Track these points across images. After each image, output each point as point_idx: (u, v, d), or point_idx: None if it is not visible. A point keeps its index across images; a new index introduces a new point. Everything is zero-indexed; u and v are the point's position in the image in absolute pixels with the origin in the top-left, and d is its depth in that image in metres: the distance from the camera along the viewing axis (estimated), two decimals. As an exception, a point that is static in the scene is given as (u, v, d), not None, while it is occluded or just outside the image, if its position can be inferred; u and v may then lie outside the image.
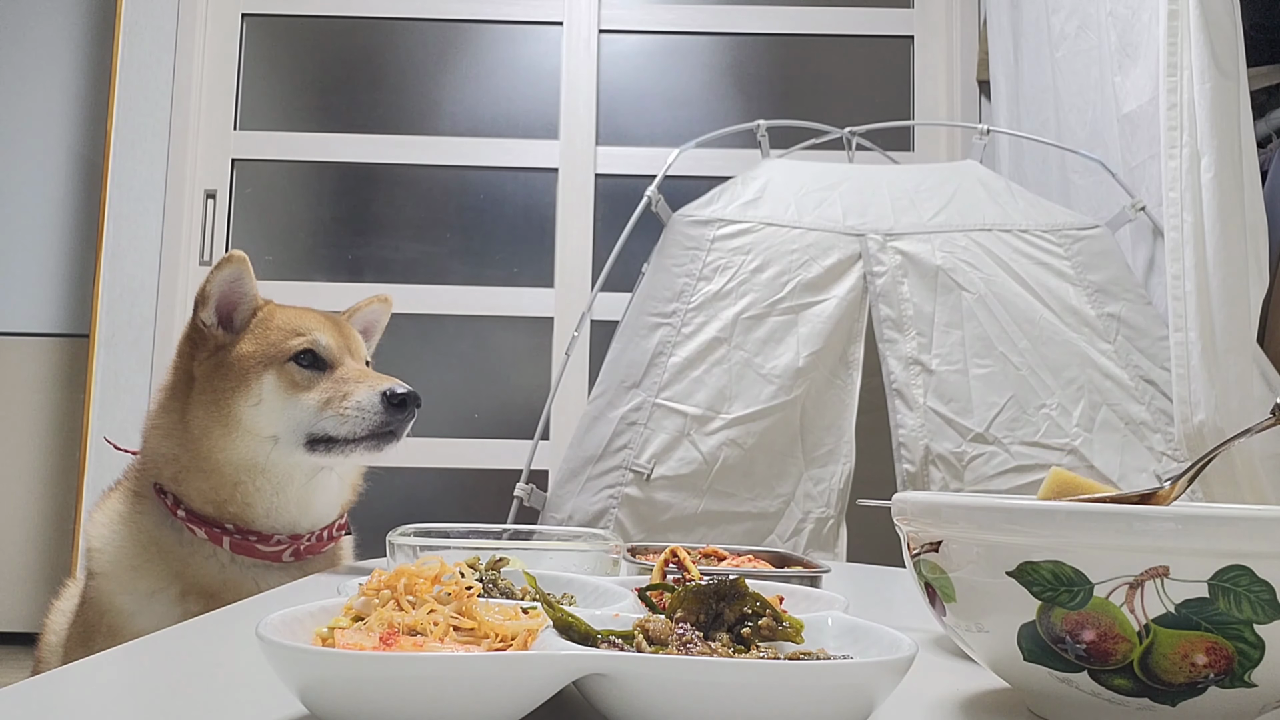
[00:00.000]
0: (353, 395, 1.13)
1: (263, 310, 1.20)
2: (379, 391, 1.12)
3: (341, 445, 1.12)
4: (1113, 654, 0.47)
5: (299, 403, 1.13)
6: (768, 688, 0.44)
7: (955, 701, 0.58)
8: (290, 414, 1.13)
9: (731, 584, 0.54)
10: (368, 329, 1.34)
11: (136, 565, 1.12)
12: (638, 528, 1.95)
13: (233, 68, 3.12)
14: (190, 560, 1.12)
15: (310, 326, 1.18)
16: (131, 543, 1.13)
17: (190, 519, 1.12)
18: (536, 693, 0.45)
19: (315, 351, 1.16)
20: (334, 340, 1.18)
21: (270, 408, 1.13)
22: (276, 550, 1.14)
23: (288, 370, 1.14)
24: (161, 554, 1.12)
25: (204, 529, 1.12)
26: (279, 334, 1.16)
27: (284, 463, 1.14)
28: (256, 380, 1.13)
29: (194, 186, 3.06)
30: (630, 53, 3.18)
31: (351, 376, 1.15)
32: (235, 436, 1.13)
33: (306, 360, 1.16)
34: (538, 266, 3.07)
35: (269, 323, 1.18)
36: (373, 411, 1.12)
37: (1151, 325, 2.01)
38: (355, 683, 0.43)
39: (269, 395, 1.13)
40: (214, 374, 1.15)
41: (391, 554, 0.89)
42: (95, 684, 0.59)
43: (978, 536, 0.50)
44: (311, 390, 1.14)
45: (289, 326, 1.17)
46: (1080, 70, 2.37)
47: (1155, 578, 0.45)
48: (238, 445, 1.13)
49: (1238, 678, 0.46)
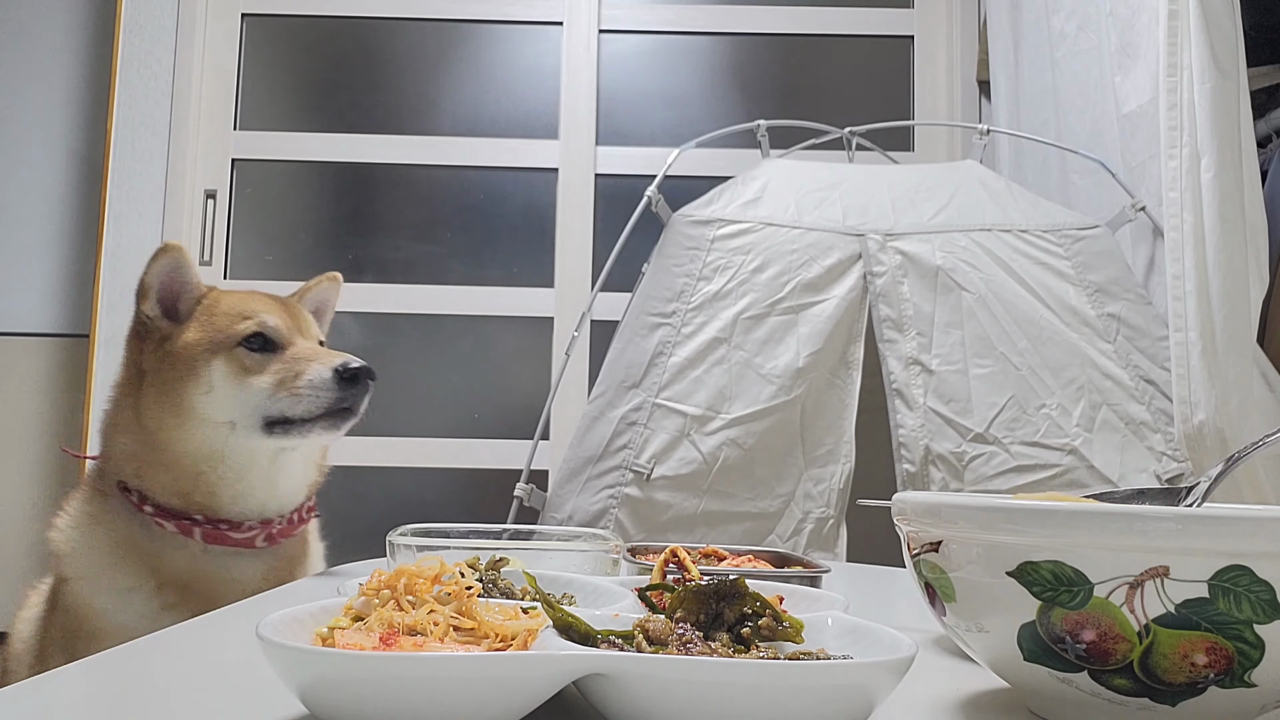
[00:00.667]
0: (305, 374, 1.11)
1: (207, 297, 1.18)
2: (331, 367, 1.11)
3: (299, 425, 1.11)
4: (1113, 654, 0.47)
5: (251, 386, 1.12)
6: (768, 688, 0.44)
7: (955, 701, 0.58)
8: (243, 398, 1.12)
9: (731, 584, 0.54)
10: (319, 309, 1.33)
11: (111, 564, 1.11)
12: (638, 528, 1.95)
13: (233, 68, 3.12)
14: (162, 554, 1.11)
15: (256, 309, 1.16)
16: (103, 542, 1.12)
17: (158, 513, 1.11)
18: (536, 693, 0.45)
19: (264, 334, 1.15)
20: (282, 320, 1.17)
21: (222, 394, 1.12)
22: (249, 536, 1.13)
23: (237, 355, 1.13)
24: (134, 551, 1.11)
25: (173, 522, 1.11)
26: (225, 319, 1.15)
27: (243, 448, 1.12)
28: (205, 367, 1.12)
29: (194, 186, 3.06)
30: (630, 53, 3.18)
31: (303, 355, 1.14)
32: (191, 426, 1.11)
33: (256, 343, 1.14)
34: (538, 266, 3.07)
35: (214, 309, 1.16)
36: (326, 389, 1.11)
37: (1151, 325, 2.01)
38: (355, 683, 0.43)
39: (220, 381, 1.12)
40: (162, 365, 1.13)
41: (391, 554, 0.89)
42: (95, 684, 0.59)
43: (978, 536, 0.50)
44: (263, 373, 1.12)
45: (235, 310, 1.16)
46: (1080, 70, 2.37)
47: (1155, 578, 0.45)
48: (194, 435, 1.11)
49: (1238, 678, 0.46)
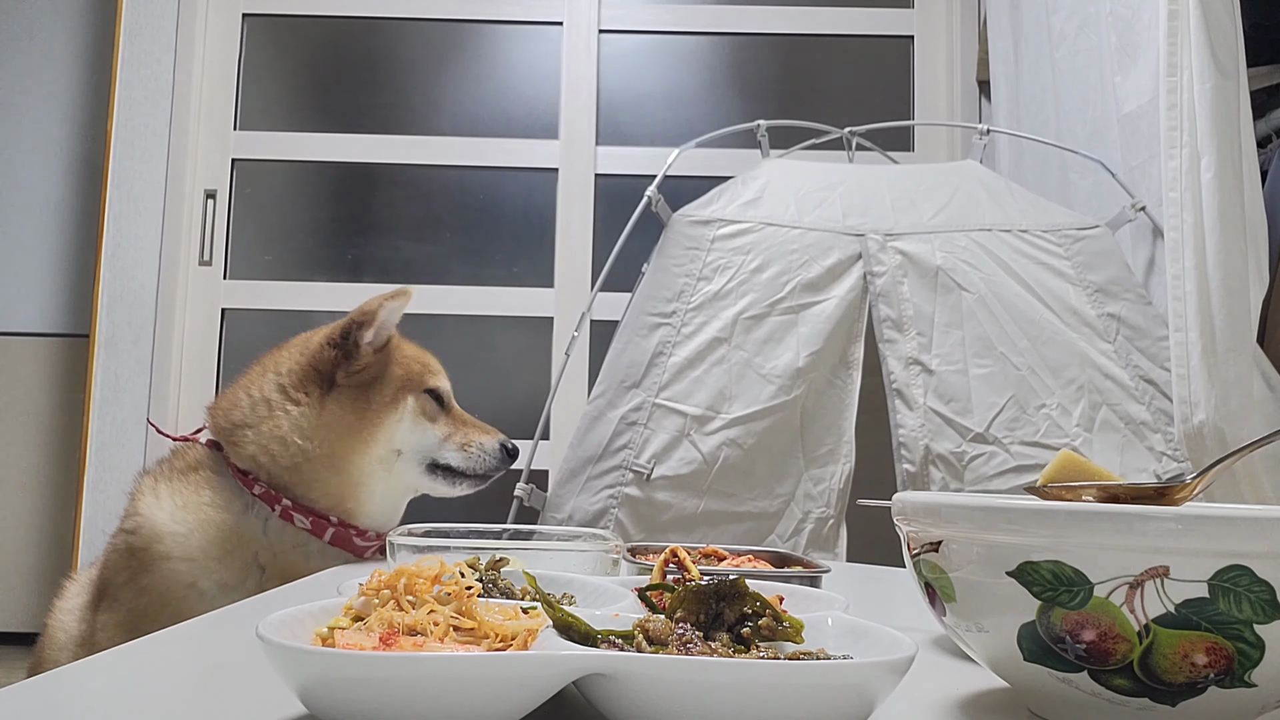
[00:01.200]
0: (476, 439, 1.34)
1: (393, 340, 1.34)
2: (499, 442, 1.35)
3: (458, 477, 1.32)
4: (1113, 654, 0.47)
5: (427, 430, 1.31)
6: (768, 688, 0.44)
7: (955, 701, 0.58)
8: (418, 437, 1.30)
9: (731, 584, 0.54)
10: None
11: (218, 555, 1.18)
12: (638, 528, 1.95)
13: (233, 68, 3.12)
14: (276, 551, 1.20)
15: (436, 368, 1.37)
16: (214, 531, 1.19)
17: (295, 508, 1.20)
18: (536, 693, 0.45)
19: (438, 391, 1.34)
20: (447, 385, 1.37)
21: (408, 428, 1.29)
22: (366, 545, 1.25)
23: (423, 400, 1.32)
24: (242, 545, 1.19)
25: (310, 518, 1.21)
26: (416, 365, 1.34)
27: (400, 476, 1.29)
28: (403, 401, 1.29)
29: (194, 186, 3.06)
30: (630, 53, 3.18)
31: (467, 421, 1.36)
32: (374, 445, 1.26)
33: (434, 395, 1.33)
34: (538, 266, 3.07)
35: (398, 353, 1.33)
36: (494, 456, 1.34)
37: (1151, 325, 2.01)
38: (355, 683, 0.43)
39: (409, 417, 1.30)
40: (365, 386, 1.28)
41: (391, 554, 0.89)
42: (95, 684, 0.59)
43: (978, 536, 0.50)
44: (436, 423, 1.32)
45: (420, 360, 1.35)
46: (1080, 70, 2.37)
47: (1155, 578, 0.45)
48: (370, 452, 1.26)
49: (1238, 678, 0.46)
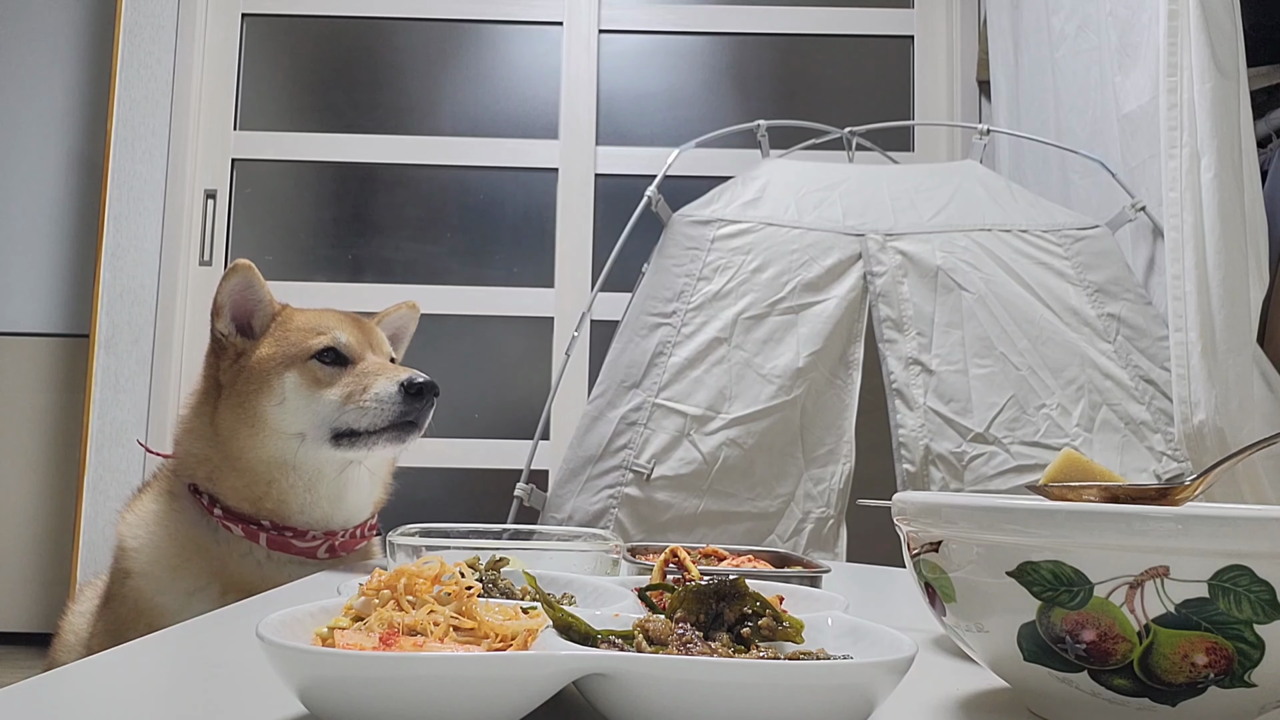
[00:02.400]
0: (372, 388, 1.16)
1: (281, 314, 1.23)
2: (397, 382, 1.15)
3: (365, 438, 1.15)
4: (1113, 654, 0.47)
5: (322, 399, 1.16)
6: (768, 688, 0.44)
7: (955, 701, 0.58)
8: (314, 410, 1.16)
9: (731, 584, 0.54)
10: (396, 334, 1.38)
11: (176, 565, 1.15)
12: (638, 528, 1.95)
13: (233, 68, 3.12)
14: (228, 559, 1.15)
15: (330, 325, 1.21)
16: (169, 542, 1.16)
17: (226, 516, 1.16)
18: (536, 693, 0.45)
19: (336, 349, 1.19)
20: (354, 336, 1.21)
21: (294, 405, 1.16)
22: (311, 546, 1.17)
23: (309, 368, 1.17)
24: (199, 553, 1.15)
25: (240, 526, 1.15)
26: (299, 334, 1.20)
27: (312, 459, 1.16)
28: (278, 380, 1.17)
29: (194, 186, 3.06)
30: (630, 53, 3.18)
31: (371, 370, 1.18)
32: (263, 436, 1.16)
33: (329, 357, 1.19)
34: (538, 266, 3.07)
35: (288, 324, 1.22)
36: (391, 402, 1.15)
37: (1151, 325, 2.01)
38: (355, 683, 0.43)
39: (291, 393, 1.16)
40: (238, 379, 1.18)
41: (391, 554, 0.89)
42: (95, 684, 0.59)
43: (978, 536, 0.50)
44: (333, 386, 1.17)
45: (309, 326, 1.21)
46: (1080, 70, 2.37)
47: (1155, 578, 0.45)
48: (266, 444, 1.16)
49: (1238, 678, 0.46)
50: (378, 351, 1.24)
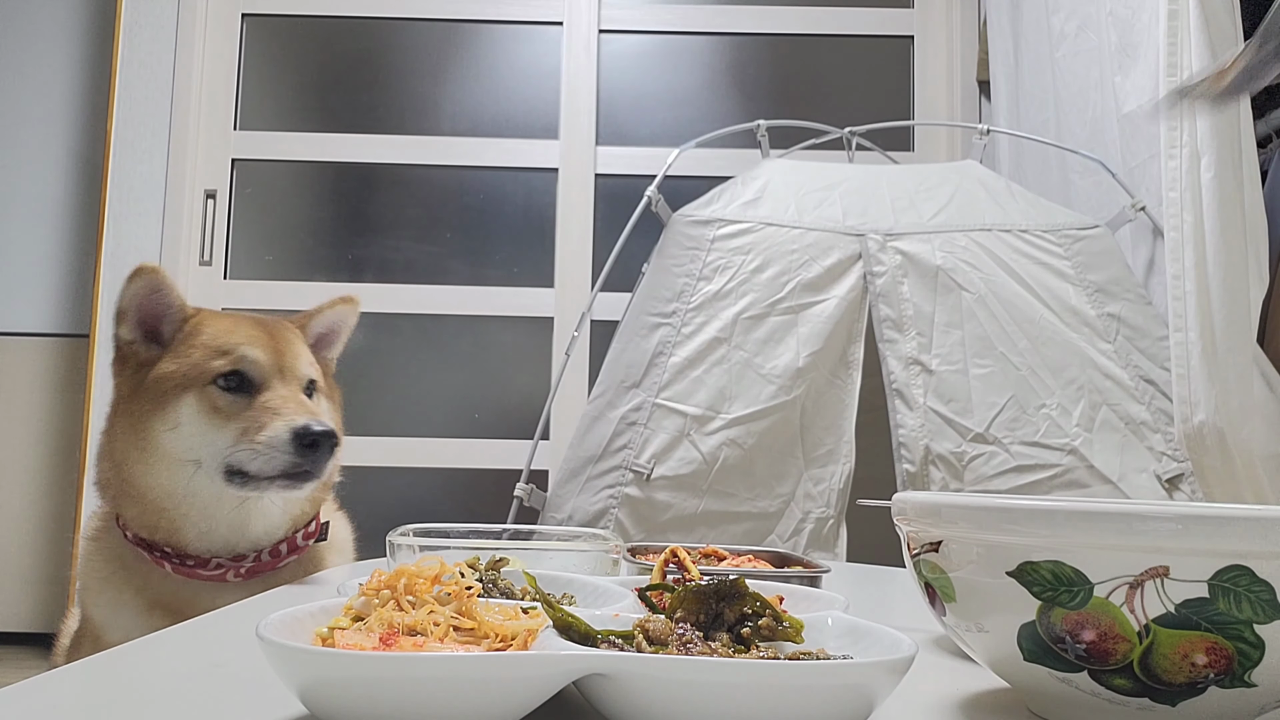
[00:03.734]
0: (265, 429, 1.04)
1: (190, 321, 1.12)
2: (291, 428, 1.04)
3: (255, 481, 1.05)
4: (1113, 654, 0.47)
5: (218, 429, 1.06)
6: (768, 688, 0.44)
7: (955, 701, 0.58)
8: (209, 439, 1.06)
9: (731, 584, 0.54)
10: (331, 331, 1.26)
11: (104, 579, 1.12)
12: (638, 528, 1.95)
13: (233, 68, 3.12)
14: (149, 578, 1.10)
15: (239, 343, 1.09)
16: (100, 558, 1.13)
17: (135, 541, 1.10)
18: (536, 693, 0.45)
19: (241, 371, 1.08)
20: (265, 359, 1.10)
21: (189, 432, 1.06)
22: (217, 574, 1.08)
23: (208, 394, 1.07)
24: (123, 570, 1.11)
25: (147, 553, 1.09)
26: (202, 352, 1.09)
27: (207, 489, 1.07)
28: (175, 403, 1.06)
29: (194, 186, 3.06)
30: (630, 53, 3.18)
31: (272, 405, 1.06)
32: (154, 461, 1.07)
33: (232, 382, 1.08)
34: (538, 266, 3.07)
35: (195, 337, 1.10)
36: (282, 449, 1.03)
37: (1151, 325, 2.01)
38: (355, 683, 0.43)
39: (187, 419, 1.06)
40: (134, 394, 1.09)
41: (391, 554, 0.89)
42: (95, 684, 0.59)
43: (978, 536, 0.50)
44: (232, 418, 1.06)
45: (215, 344, 1.09)
46: (1080, 70, 2.37)
47: (1155, 578, 0.45)
48: (158, 471, 1.07)
49: (1238, 678, 0.46)
50: (289, 379, 1.11)
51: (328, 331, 1.25)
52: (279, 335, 1.14)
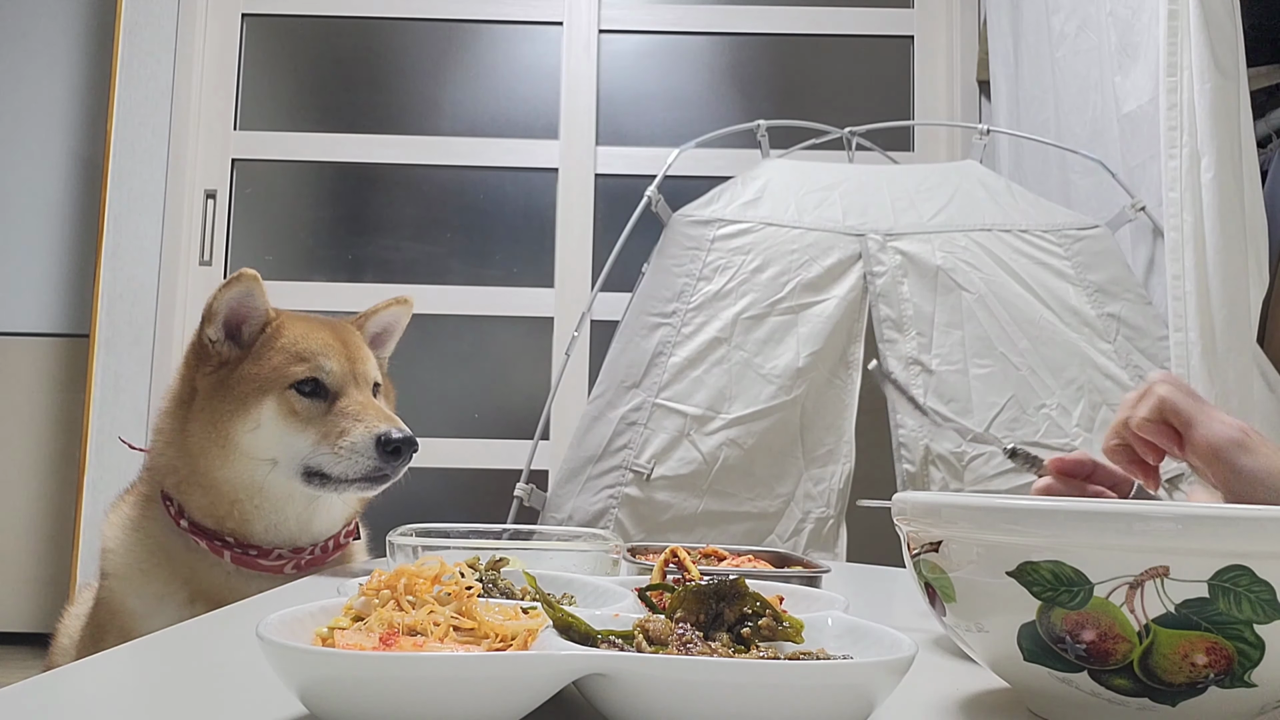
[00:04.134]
0: (349, 434, 1.10)
1: (272, 324, 1.17)
2: (374, 435, 1.10)
3: (335, 483, 1.11)
4: (1113, 654, 0.47)
5: (297, 433, 1.11)
6: (768, 688, 0.44)
7: (955, 701, 0.58)
8: (288, 442, 1.11)
9: (731, 584, 0.54)
10: (385, 331, 1.32)
11: (146, 569, 1.13)
12: (638, 528, 1.95)
13: (233, 68, 3.12)
14: (197, 567, 1.13)
15: (316, 351, 1.15)
16: (140, 547, 1.14)
17: (193, 529, 1.13)
18: (536, 693, 0.45)
19: (318, 379, 1.14)
20: (339, 367, 1.15)
21: (269, 433, 1.11)
22: (278, 564, 1.14)
23: (288, 398, 1.12)
24: (169, 560, 1.13)
25: (205, 541, 1.12)
26: (283, 357, 1.14)
27: (281, 486, 1.12)
28: (256, 405, 1.12)
29: (194, 186, 3.06)
30: (630, 53, 3.18)
31: (351, 411, 1.12)
32: (233, 458, 1.12)
33: (308, 387, 1.13)
34: (538, 266, 3.07)
35: (275, 341, 1.15)
36: (366, 455, 1.10)
37: (1151, 325, 2.01)
38: (355, 683, 0.43)
39: (268, 421, 1.12)
40: (215, 392, 1.13)
41: (391, 554, 0.89)
42: (95, 684, 0.59)
43: (978, 536, 0.50)
44: (311, 421, 1.12)
45: (294, 349, 1.15)
46: (1080, 70, 2.37)
47: (1155, 578, 0.45)
48: (235, 466, 1.12)
49: (1238, 678, 0.46)
50: (361, 384, 1.18)
51: (381, 331, 1.31)
52: (350, 342, 1.20)
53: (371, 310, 1.31)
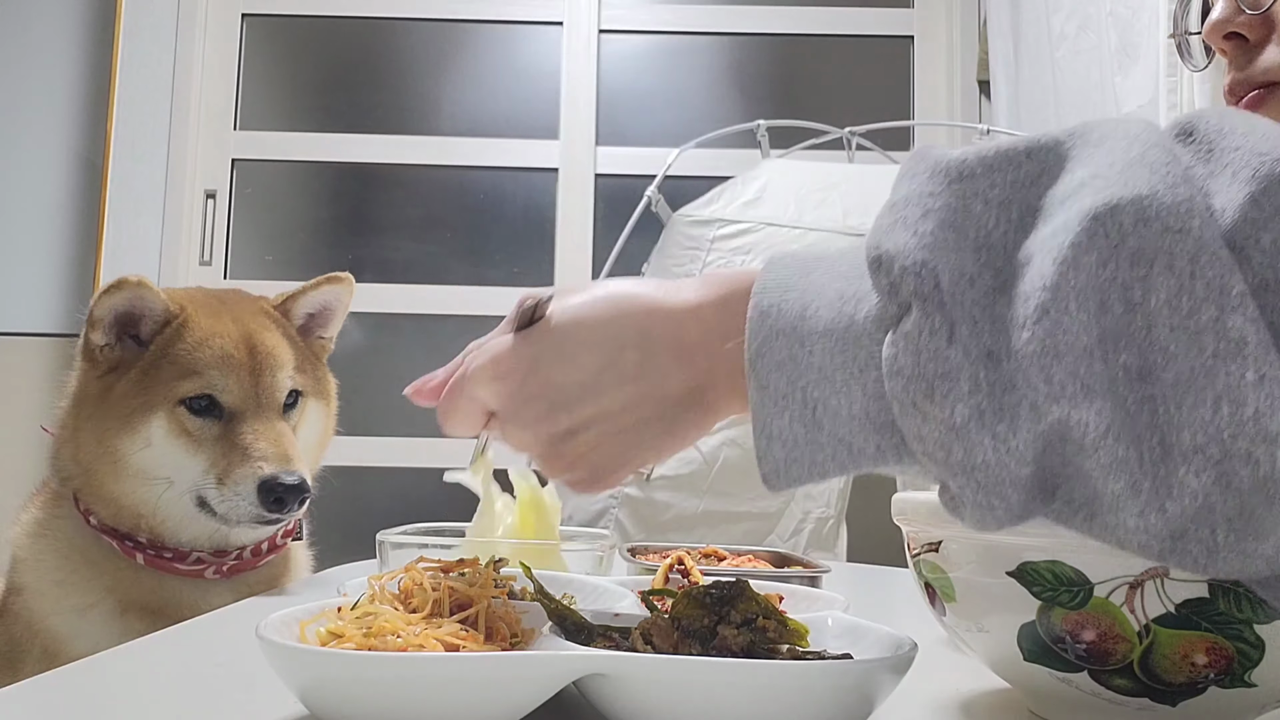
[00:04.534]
0: (232, 473, 0.99)
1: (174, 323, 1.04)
2: (258, 479, 0.98)
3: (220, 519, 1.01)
4: (1113, 654, 0.47)
5: (190, 455, 1.01)
6: (768, 688, 0.44)
7: (955, 701, 0.58)
8: (180, 463, 1.01)
9: (735, 586, 0.54)
10: (324, 311, 1.18)
11: (62, 580, 1.02)
12: (638, 528, 1.95)
13: (233, 68, 3.12)
14: (121, 574, 1.02)
15: (209, 364, 1.02)
16: (53, 554, 1.04)
17: (102, 529, 1.02)
18: (536, 693, 0.45)
19: (213, 397, 1.02)
20: (238, 383, 1.03)
21: (160, 452, 1.01)
22: (197, 569, 1.03)
23: (178, 415, 1.01)
24: (89, 565, 1.02)
25: (117, 542, 1.02)
26: (172, 369, 1.02)
27: (181, 506, 1.02)
28: (144, 422, 1.01)
29: (194, 186, 3.06)
30: (630, 53, 3.18)
31: (242, 443, 1.00)
32: (125, 476, 1.01)
33: (202, 403, 1.01)
34: (538, 266, 3.07)
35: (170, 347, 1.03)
36: (247, 500, 0.98)
37: (1151, 325, 2.01)
38: (355, 683, 0.43)
39: (159, 440, 1.01)
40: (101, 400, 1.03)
41: (381, 555, 0.89)
42: (95, 684, 0.59)
43: (978, 536, 0.50)
44: (203, 444, 1.01)
45: (185, 361, 1.02)
46: (1080, 70, 2.37)
47: (1155, 578, 0.45)
48: (128, 484, 1.02)
49: (1238, 678, 0.46)
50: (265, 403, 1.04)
51: (318, 312, 1.18)
52: (260, 348, 1.06)
53: (300, 291, 1.16)
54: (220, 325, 1.06)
